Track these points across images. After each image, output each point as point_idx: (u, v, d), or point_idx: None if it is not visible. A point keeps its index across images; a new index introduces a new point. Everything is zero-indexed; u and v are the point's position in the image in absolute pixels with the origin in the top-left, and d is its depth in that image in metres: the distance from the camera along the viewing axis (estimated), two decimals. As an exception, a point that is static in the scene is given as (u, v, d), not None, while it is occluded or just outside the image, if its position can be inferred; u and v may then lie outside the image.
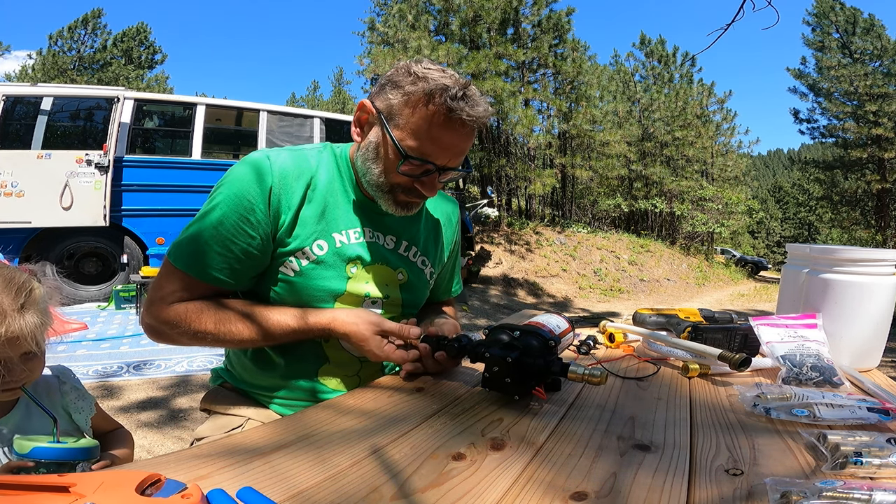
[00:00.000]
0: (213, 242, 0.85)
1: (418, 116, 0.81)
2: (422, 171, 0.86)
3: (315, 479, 0.51)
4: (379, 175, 0.88)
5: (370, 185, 0.91)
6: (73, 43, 23.18)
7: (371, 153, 0.88)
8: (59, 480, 0.43)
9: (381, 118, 0.85)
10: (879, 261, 0.98)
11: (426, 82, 0.81)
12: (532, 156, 14.83)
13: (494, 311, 7.19)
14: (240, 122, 6.61)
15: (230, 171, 0.89)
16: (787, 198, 48.24)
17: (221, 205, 0.86)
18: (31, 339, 0.76)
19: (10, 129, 5.39)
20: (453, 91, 0.80)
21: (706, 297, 11.78)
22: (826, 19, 19.92)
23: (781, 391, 0.75)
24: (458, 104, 0.80)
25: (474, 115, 0.82)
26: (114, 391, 3.01)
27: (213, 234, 0.85)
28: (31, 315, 0.77)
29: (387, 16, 13.61)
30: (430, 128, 0.81)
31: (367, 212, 0.97)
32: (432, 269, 1.07)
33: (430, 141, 0.82)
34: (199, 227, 0.87)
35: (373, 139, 0.88)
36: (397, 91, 0.83)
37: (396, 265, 1.00)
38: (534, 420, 0.69)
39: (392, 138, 0.83)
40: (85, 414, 0.95)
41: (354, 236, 0.94)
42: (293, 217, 0.89)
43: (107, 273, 5.76)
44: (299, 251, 0.90)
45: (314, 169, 0.93)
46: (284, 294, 0.92)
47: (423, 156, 0.83)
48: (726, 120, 21.85)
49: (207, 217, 0.86)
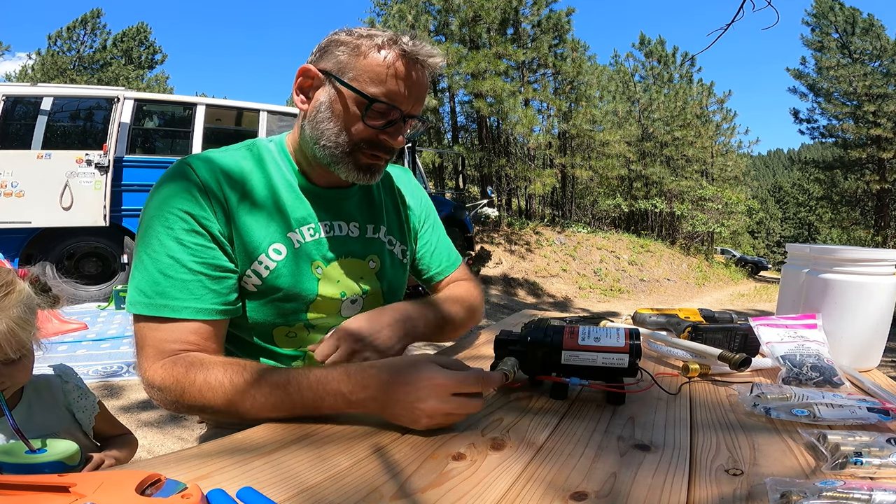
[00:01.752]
0: (179, 275, 0.74)
1: (374, 63, 0.78)
2: (388, 119, 0.81)
3: (315, 478, 0.51)
4: (337, 134, 0.81)
5: (326, 152, 0.83)
6: (72, 43, 23.20)
7: (324, 114, 0.81)
8: (59, 480, 0.43)
9: (331, 76, 0.80)
10: (879, 261, 0.98)
11: (372, 37, 0.79)
12: (532, 156, 14.84)
13: (494, 311, 7.19)
14: (240, 122, 6.61)
15: (153, 192, 0.79)
16: (787, 198, 48.25)
17: (160, 230, 0.75)
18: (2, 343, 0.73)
19: (10, 129, 5.39)
20: (404, 37, 0.80)
21: (706, 297, 11.79)
22: (825, 19, 19.94)
23: (781, 391, 0.75)
24: (414, 46, 0.79)
25: (431, 54, 0.81)
26: (114, 391, 3.01)
27: (173, 265, 0.74)
28: (0, 321, 0.72)
29: (387, 16, 13.61)
30: (388, 70, 0.78)
31: (320, 202, 0.89)
32: (404, 246, 1.00)
33: (392, 83, 0.79)
34: (151, 264, 0.75)
35: (324, 99, 0.81)
36: (344, 47, 0.80)
37: (365, 253, 0.93)
38: (534, 420, 0.69)
39: (352, 89, 0.79)
40: (88, 413, 0.95)
41: (309, 233, 0.87)
42: (237, 225, 0.80)
43: (107, 273, 5.76)
44: (255, 262, 0.82)
45: (247, 169, 0.84)
46: (253, 314, 0.84)
47: (389, 99, 0.79)
48: (726, 120, 21.88)
49: (150, 248, 0.75)
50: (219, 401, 0.68)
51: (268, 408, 0.66)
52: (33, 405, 0.88)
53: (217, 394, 0.68)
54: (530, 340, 0.77)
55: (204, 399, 0.69)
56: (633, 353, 0.73)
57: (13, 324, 0.74)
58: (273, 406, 0.66)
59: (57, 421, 0.90)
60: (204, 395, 0.69)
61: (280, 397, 0.65)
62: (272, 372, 0.68)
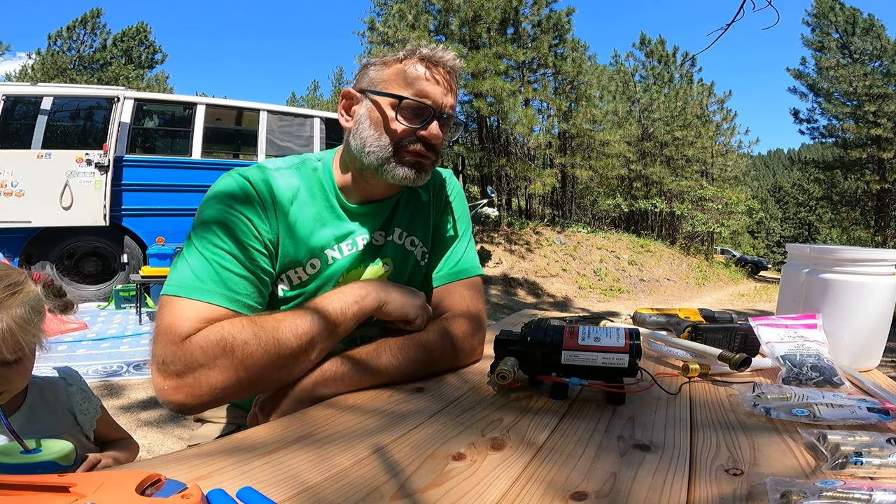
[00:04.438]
0: (230, 266, 0.78)
1: (398, 70, 0.88)
2: (421, 117, 0.87)
3: (315, 478, 0.51)
4: (378, 138, 0.87)
5: (373, 157, 0.87)
6: (72, 43, 23.20)
7: (364, 124, 0.88)
8: (59, 480, 0.43)
9: (366, 92, 0.90)
10: (879, 261, 0.98)
11: (395, 52, 0.90)
12: (532, 155, 14.84)
13: (494, 311, 7.19)
14: (240, 121, 6.62)
15: (211, 193, 0.83)
16: (787, 198, 48.27)
17: (217, 225, 0.79)
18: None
19: (10, 129, 5.40)
20: (420, 49, 0.89)
21: (706, 296, 11.79)
22: (826, 19, 19.93)
23: (781, 391, 0.75)
24: (431, 51, 0.89)
25: (448, 56, 0.90)
26: (115, 390, 3.01)
27: (224, 257, 0.78)
28: (1, 320, 0.72)
29: (387, 16, 13.61)
30: (411, 72, 0.87)
31: (359, 219, 0.93)
32: (424, 248, 1.00)
33: (417, 83, 0.87)
34: (203, 252, 0.77)
35: (363, 112, 0.89)
36: (374, 66, 0.91)
37: (382, 257, 0.96)
38: (534, 420, 0.69)
39: (384, 94, 0.87)
40: (90, 416, 0.95)
41: (348, 247, 0.92)
42: (283, 241, 0.85)
43: (107, 273, 5.76)
44: (290, 271, 0.88)
45: (295, 187, 0.88)
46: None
47: (417, 96, 0.87)
48: (726, 120, 21.87)
49: (206, 241, 0.78)
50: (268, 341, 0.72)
51: (308, 336, 0.75)
52: (37, 407, 0.88)
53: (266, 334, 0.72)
54: (530, 340, 0.77)
55: (254, 345, 0.71)
56: (633, 352, 0.73)
57: (13, 323, 0.73)
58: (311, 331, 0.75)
59: (59, 423, 0.90)
60: (249, 343, 0.71)
61: (315, 320, 0.76)
62: (298, 307, 0.80)
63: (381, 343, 0.83)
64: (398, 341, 0.84)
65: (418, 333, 0.87)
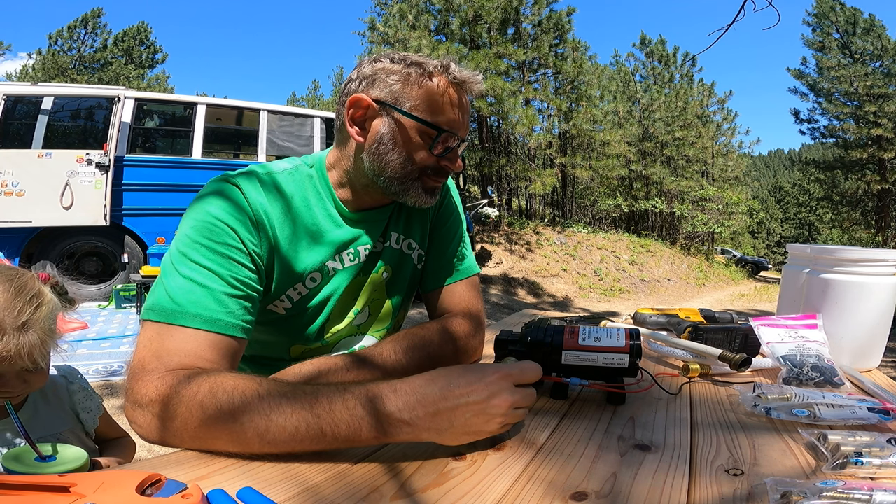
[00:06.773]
0: (214, 285, 0.69)
1: (430, 92, 0.80)
2: (447, 145, 0.83)
3: (316, 478, 0.51)
4: (404, 165, 0.81)
5: (393, 183, 0.82)
6: (73, 42, 23.21)
7: (387, 145, 0.80)
8: (59, 480, 0.43)
9: (387, 106, 0.80)
10: (880, 261, 0.98)
11: (421, 65, 0.81)
12: (532, 155, 14.82)
13: (495, 311, 7.19)
14: (240, 121, 6.62)
15: (198, 205, 0.75)
16: (788, 198, 48.26)
17: (201, 239, 0.71)
18: (28, 358, 0.73)
19: (11, 129, 5.40)
20: (451, 65, 0.82)
21: (706, 297, 11.78)
22: (826, 20, 19.93)
23: (782, 391, 0.75)
24: (461, 73, 0.82)
25: (475, 79, 0.83)
26: (115, 390, 3.01)
27: (207, 275, 0.69)
28: (32, 334, 0.73)
29: (387, 15, 13.60)
30: (443, 99, 0.81)
31: (358, 226, 0.89)
32: (421, 251, 0.98)
33: (450, 112, 0.81)
34: (187, 272, 0.68)
35: (384, 131, 0.80)
36: (395, 76, 0.80)
37: (382, 264, 0.94)
38: (534, 420, 0.69)
39: (416, 118, 0.79)
40: (93, 414, 0.95)
41: (349, 258, 0.88)
42: (279, 256, 0.80)
43: (107, 272, 5.77)
44: (290, 288, 0.83)
45: (289, 196, 0.82)
46: (274, 334, 0.87)
47: (449, 127, 0.81)
48: (727, 120, 21.86)
49: (187, 259, 0.70)
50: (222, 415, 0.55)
51: (288, 431, 0.54)
52: (39, 406, 0.88)
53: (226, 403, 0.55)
54: (530, 340, 0.77)
55: (203, 413, 0.55)
56: (633, 353, 0.73)
57: (45, 336, 0.75)
58: (294, 429, 0.54)
59: (61, 422, 0.90)
60: (204, 408, 0.55)
61: (304, 417, 0.54)
62: (296, 386, 0.58)
63: (381, 343, 0.83)
64: (399, 341, 0.83)
65: (419, 332, 0.86)
